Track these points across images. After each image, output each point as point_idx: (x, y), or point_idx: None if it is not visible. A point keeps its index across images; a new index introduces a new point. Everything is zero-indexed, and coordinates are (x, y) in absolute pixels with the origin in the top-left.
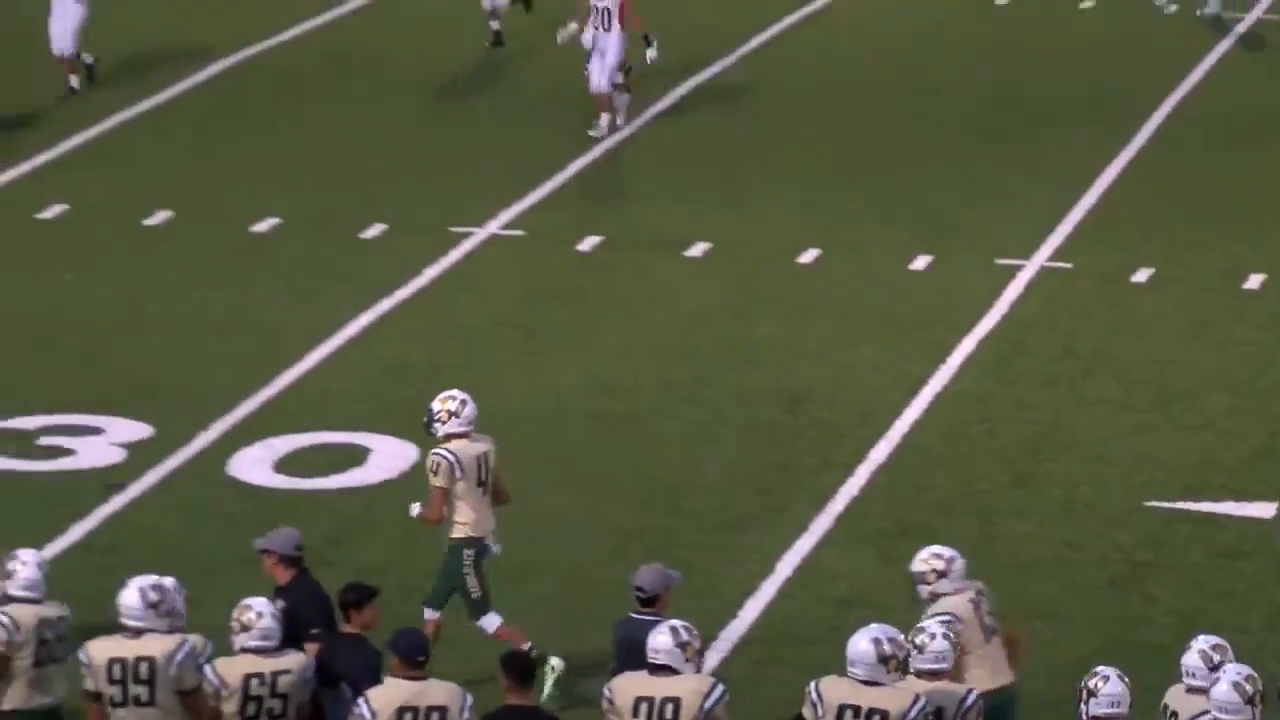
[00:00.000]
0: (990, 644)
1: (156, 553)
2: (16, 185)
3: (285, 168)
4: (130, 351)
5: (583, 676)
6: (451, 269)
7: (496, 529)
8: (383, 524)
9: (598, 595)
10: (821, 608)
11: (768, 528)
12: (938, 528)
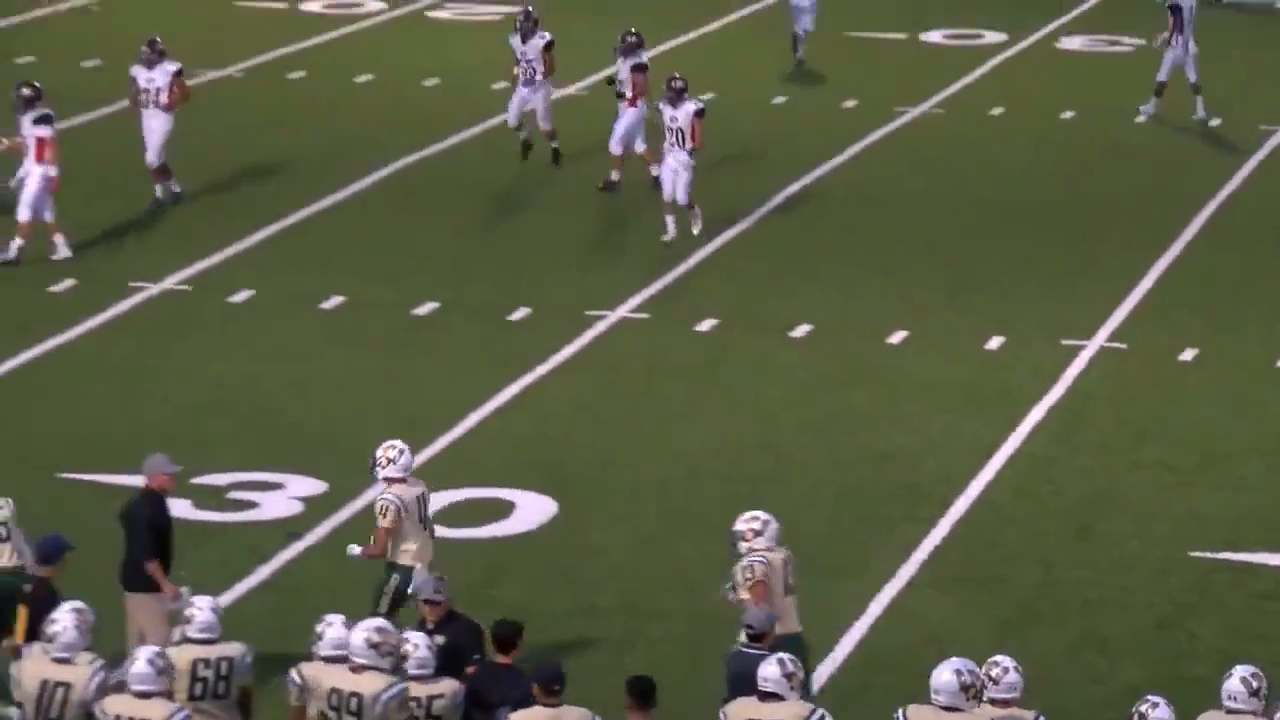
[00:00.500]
0: (788, 599)
1: (331, 595)
2: (211, 272)
3: (444, 258)
4: (308, 417)
5: (704, 703)
6: (586, 348)
7: (433, 559)
8: (526, 568)
9: (716, 633)
10: (907, 644)
11: (860, 574)
12: (1008, 575)
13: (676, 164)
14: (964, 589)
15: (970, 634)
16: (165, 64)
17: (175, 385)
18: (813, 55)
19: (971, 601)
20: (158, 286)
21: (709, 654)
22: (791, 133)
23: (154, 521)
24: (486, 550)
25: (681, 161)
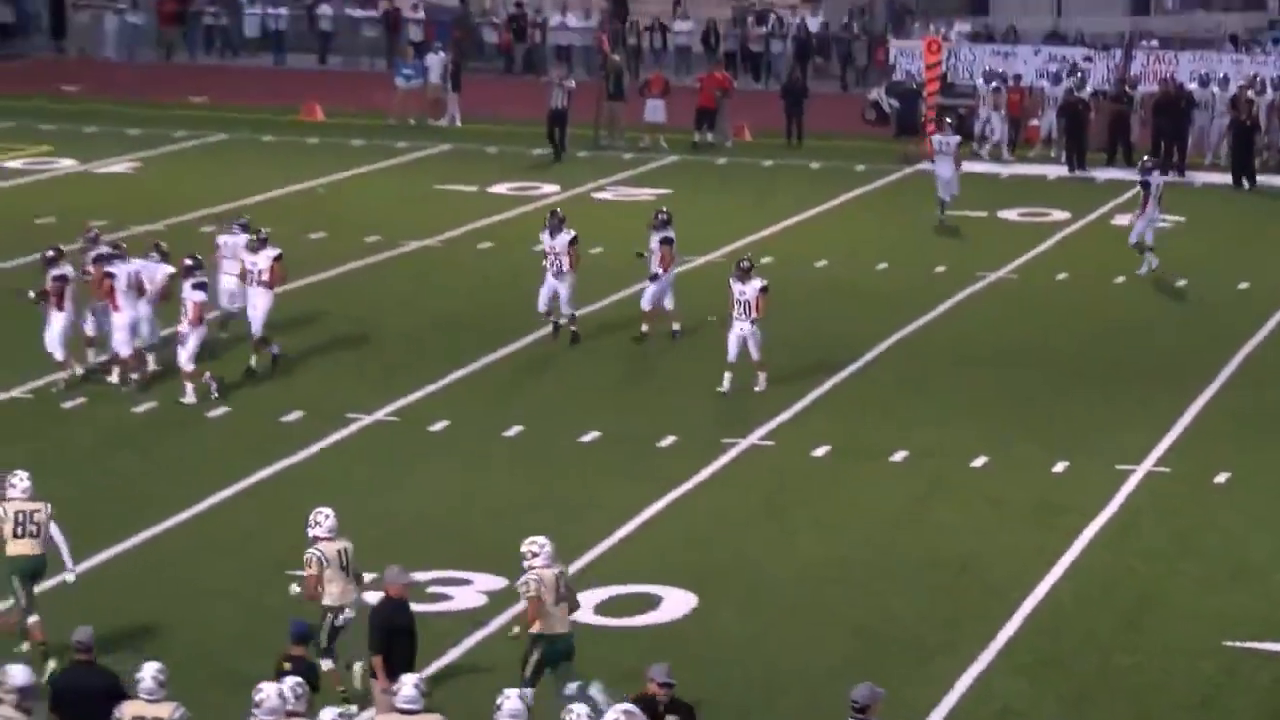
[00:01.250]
0: (558, 606)
1: (517, 675)
2: (414, 406)
3: (606, 393)
4: (492, 526)
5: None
6: (722, 469)
7: (356, 600)
8: (670, 652)
9: (829, 706)
10: (986, 716)
11: (947, 657)
12: (1069, 661)
13: (743, 332)
14: (1032, 672)
15: (1038, 710)
16: (268, 250)
17: (387, 499)
18: (907, 231)
19: (1039, 682)
20: (371, 417)
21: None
22: (892, 292)
23: (388, 622)
24: (639, 637)
25: (747, 330)
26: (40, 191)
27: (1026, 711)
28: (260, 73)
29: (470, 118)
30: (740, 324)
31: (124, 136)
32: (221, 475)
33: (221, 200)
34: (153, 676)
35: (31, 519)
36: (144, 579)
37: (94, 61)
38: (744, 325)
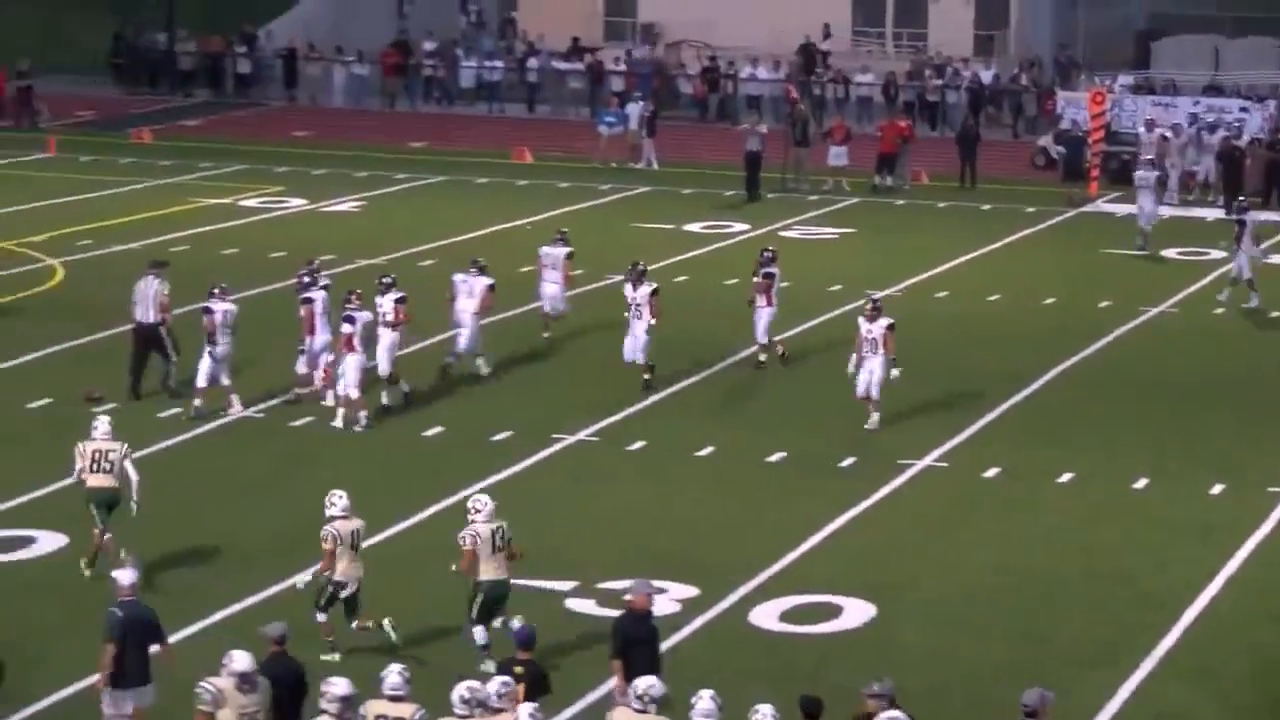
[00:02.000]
0: (495, 556)
1: (708, 676)
2: (613, 427)
3: (779, 419)
4: (686, 537)
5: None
6: (899, 488)
7: (361, 576)
8: (850, 658)
9: (999, 710)
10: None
11: (1110, 666)
12: (1227, 670)
13: (874, 366)
14: (1192, 680)
15: (1199, 713)
16: (392, 293)
17: (587, 513)
18: (1073, 268)
19: (1198, 690)
20: (574, 438)
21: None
22: (1059, 325)
23: (627, 633)
24: (820, 644)
25: (878, 367)
26: (273, 228)
27: (1185, 712)
28: (474, 120)
29: (667, 161)
30: (870, 360)
31: (350, 178)
32: (436, 489)
33: (438, 237)
34: (399, 674)
35: (106, 457)
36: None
37: (323, 109)
38: (873, 362)
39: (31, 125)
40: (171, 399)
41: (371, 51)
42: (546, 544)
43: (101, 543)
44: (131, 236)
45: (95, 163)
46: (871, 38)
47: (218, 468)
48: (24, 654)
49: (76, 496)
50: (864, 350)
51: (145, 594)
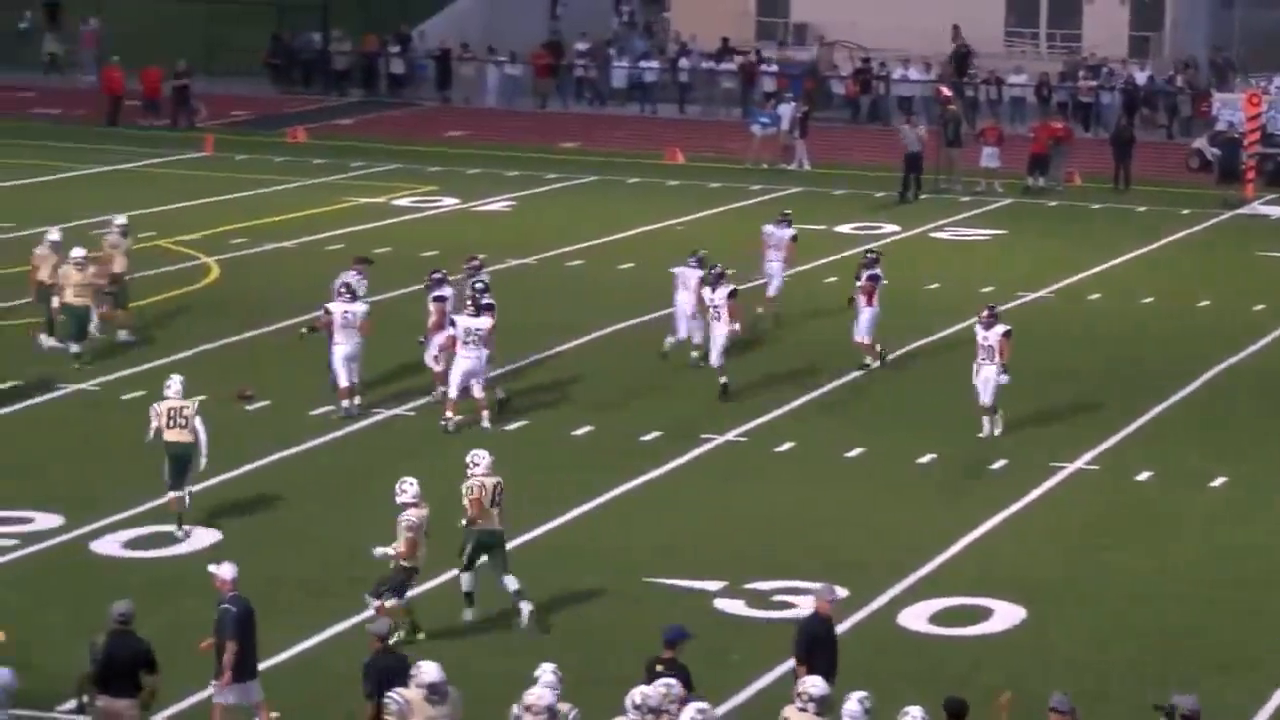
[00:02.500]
0: (494, 509)
1: (856, 677)
2: (763, 428)
3: (930, 421)
4: (835, 537)
5: None
6: (1049, 491)
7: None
8: (1001, 660)
9: (1147, 714)
10: None
11: (1257, 672)
12: None
13: (989, 375)
14: None
15: None
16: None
17: (735, 513)
18: (1228, 271)
19: None
20: (723, 438)
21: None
22: (1212, 327)
23: (812, 633)
24: (972, 646)
25: (992, 374)
26: (426, 227)
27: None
28: (626, 120)
29: (818, 162)
30: (986, 368)
31: (502, 178)
32: (585, 489)
33: (588, 237)
34: (552, 672)
35: (180, 414)
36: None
37: (476, 110)
38: (990, 369)
39: (189, 125)
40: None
41: (524, 52)
42: (694, 544)
43: (180, 506)
44: (285, 235)
45: (251, 161)
46: (1025, 38)
47: (366, 467)
48: (176, 648)
49: (228, 493)
50: (980, 357)
51: (309, 594)
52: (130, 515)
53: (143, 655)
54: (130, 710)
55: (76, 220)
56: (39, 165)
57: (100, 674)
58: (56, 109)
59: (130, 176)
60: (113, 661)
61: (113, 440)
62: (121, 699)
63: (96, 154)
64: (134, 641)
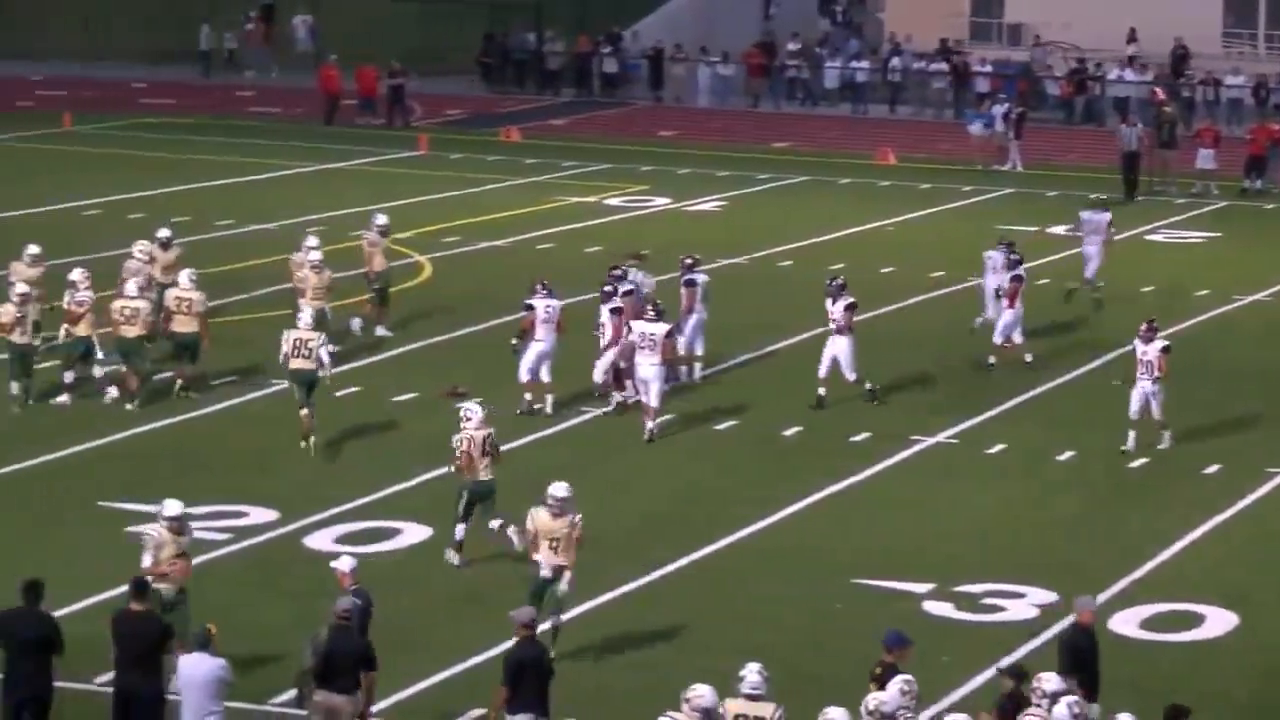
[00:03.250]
0: (483, 459)
1: None
2: (973, 430)
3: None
4: (1046, 545)
5: None
6: (1267, 495)
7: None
8: (1214, 665)
9: None
10: None
11: None
12: None
13: (1146, 391)
14: None
15: None
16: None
17: (944, 514)
18: None
19: None
20: (933, 439)
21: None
22: None
23: (1075, 644)
24: (1184, 650)
25: (1150, 389)
26: (637, 226)
27: None
28: (837, 120)
29: (1031, 163)
30: (1143, 383)
31: (712, 178)
32: (794, 489)
33: (800, 237)
34: (758, 673)
35: (306, 345)
36: (716, 583)
37: (688, 109)
38: (1146, 384)
39: (404, 124)
40: None
41: (736, 52)
42: (903, 545)
43: (309, 424)
44: (498, 234)
45: (464, 161)
46: (1243, 39)
47: (578, 464)
48: (389, 644)
49: (441, 490)
50: (1139, 372)
51: (523, 590)
52: (343, 510)
53: (363, 652)
54: (348, 706)
55: (284, 219)
56: (256, 164)
57: (320, 669)
58: (276, 108)
59: (345, 175)
60: (333, 657)
61: (326, 436)
62: (340, 694)
63: (312, 153)
64: (354, 638)
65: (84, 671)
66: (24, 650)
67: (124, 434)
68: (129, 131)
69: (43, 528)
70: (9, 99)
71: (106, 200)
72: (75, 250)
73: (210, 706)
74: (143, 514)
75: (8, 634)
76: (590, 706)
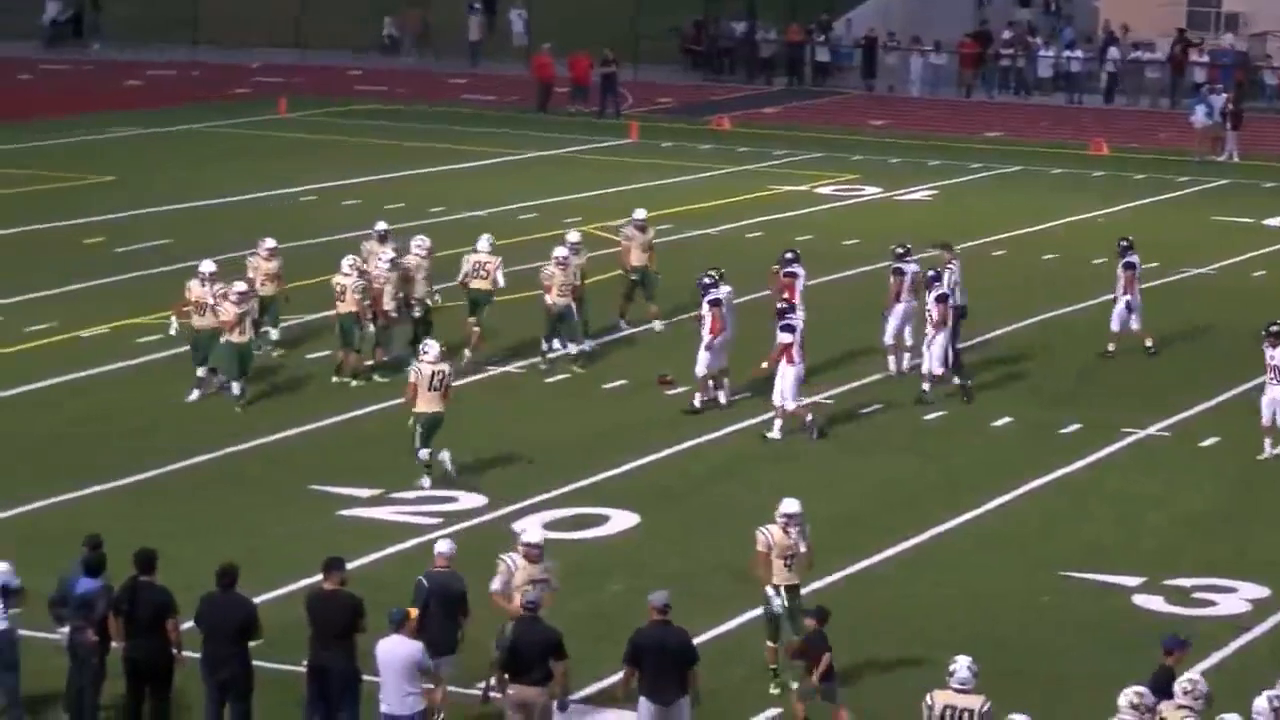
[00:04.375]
0: (431, 392)
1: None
2: (1185, 423)
3: None
4: (1264, 539)
5: None
6: None
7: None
8: None
9: None
10: None
11: None
12: None
13: (1276, 396)
14: None
15: None
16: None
17: (1153, 508)
18: None
19: None
20: (1144, 432)
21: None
22: None
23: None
24: None
25: (1276, 395)
26: (847, 216)
27: None
28: (1050, 110)
29: (1248, 154)
30: (1273, 388)
31: (924, 167)
32: (1003, 480)
33: (1011, 227)
34: (967, 668)
35: (484, 267)
36: (925, 574)
37: (900, 98)
38: (1276, 390)
39: (615, 112)
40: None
41: (949, 41)
42: (1114, 539)
43: (476, 340)
44: (709, 222)
45: (675, 149)
46: None
47: (787, 451)
48: (595, 631)
49: (648, 478)
50: (1269, 377)
51: (730, 577)
52: (551, 497)
53: (552, 642)
54: (540, 698)
55: (495, 206)
56: (467, 150)
57: (508, 661)
58: (490, 95)
59: (556, 162)
60: (519, 649)
61: (534, 423)
62: (531, 687)
63: (523, 140)
64: (542, 628)
65: (292, 654)
66: (222, 635)
67: (338, 418)
68: (343, 118)
69: (255, 511)
70: (227, 86)
71: (320, 187)
72: (295, 236)
73: (408, 688)
74: (350, 498)
75: (206, 619)
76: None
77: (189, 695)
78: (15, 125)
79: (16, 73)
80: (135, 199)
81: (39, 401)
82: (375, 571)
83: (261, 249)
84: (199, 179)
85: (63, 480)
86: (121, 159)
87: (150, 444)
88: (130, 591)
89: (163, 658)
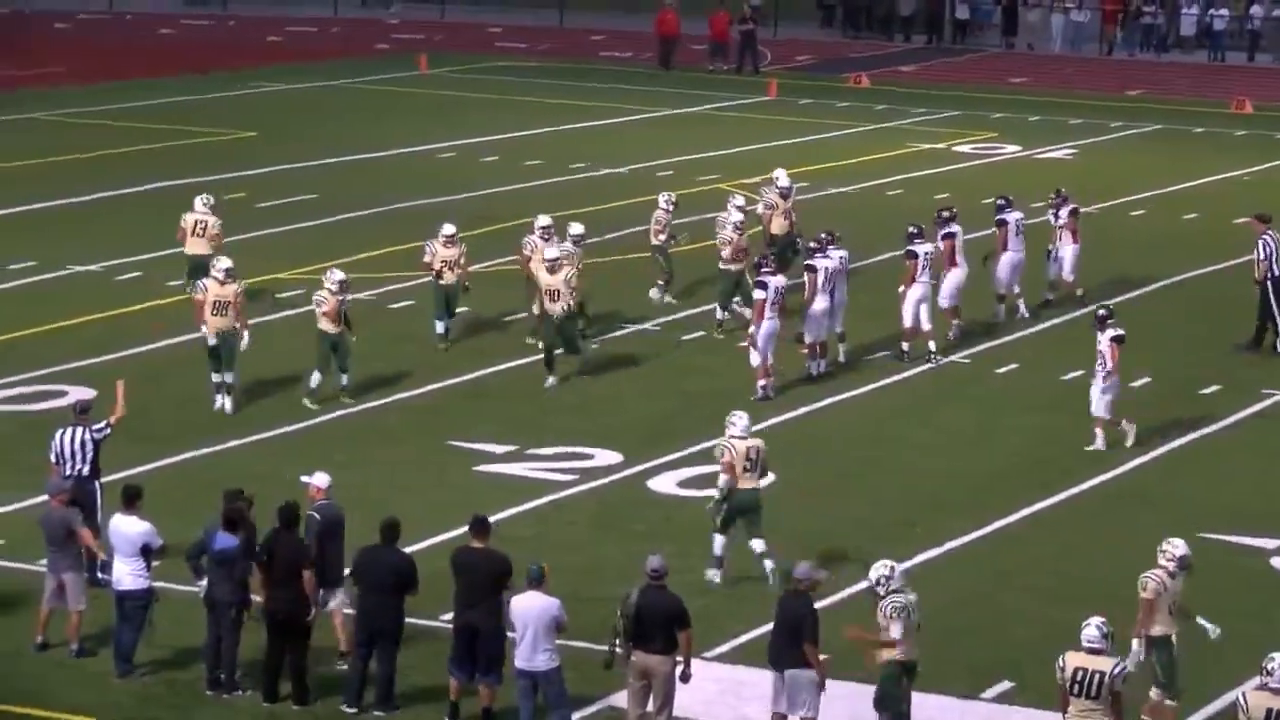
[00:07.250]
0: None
1: None
2: None
3: None
4: None
5: None
6: None
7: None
8: None
9: None
10: None
11: None
12: None
13: None
14: None
15: None
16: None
17: None
18: None
19: None
20: None
21: None
22: None
23: None
24: None
25: None
26: (986, 174)
27: None
28: (1193, 69)
29: None
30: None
31: (1063, 125)
32: (1141, 441)
33: (1151, 187)
34: (1097, 627)
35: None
36: (1060, 534)
37: (1040, 56)
38: None
39: (754, 69)
40: None
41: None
42: (1251, 500)
43: None
44: (846, 180)
45: (813, 106)
46: None
47: (911, 408)
48: (740, 589)
49: (781, 434)
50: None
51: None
52: (686, 454)
53: (675, 610)
54: (663, 666)
55: (634, 162)
56: (607, 107)
57: (632, 629)
58: (627, 52)
59: (695, 120)
60: (643, 616)
61: (671, 380)
62: (654, 654)
63: (661, 97)
64: (665, 597)
65: (430, 608)
66: (379, 588)
67: (479, 373)
68: (483, 74)
69: (395, 465)
70: (368, 42)
71: (459, 143)
72: (431, 192)
73: (544, 644)
74: (488, 453)
75: (364, 572)
76: (932, 651)
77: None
78: (157, 81)
79: (158, 28)
80: (277, 154)
81: (180, 356)
82: (509, 528)
83: (440, 235)
84: (340, 135)
85: (207, 434)
86: (263, 115)
87: (294, 396)
88: (270, 544)
89: (301, 609)
